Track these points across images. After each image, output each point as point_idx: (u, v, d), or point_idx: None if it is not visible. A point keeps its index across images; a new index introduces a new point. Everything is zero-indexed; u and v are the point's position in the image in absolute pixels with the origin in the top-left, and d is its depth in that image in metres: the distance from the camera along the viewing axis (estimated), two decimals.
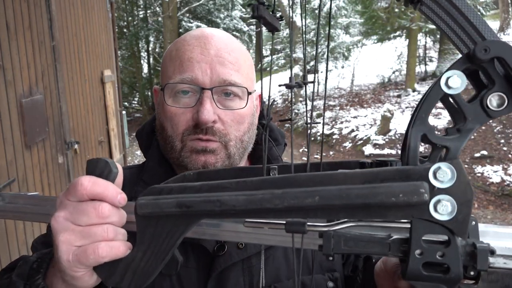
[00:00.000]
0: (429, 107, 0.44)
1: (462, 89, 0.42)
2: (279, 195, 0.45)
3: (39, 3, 3.74)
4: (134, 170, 1.05)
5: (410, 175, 0.43)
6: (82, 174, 2.55)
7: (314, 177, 0.45)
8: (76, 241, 0.59)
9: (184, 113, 0.89)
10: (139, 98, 19.86)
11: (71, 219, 0.60)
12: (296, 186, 0.46)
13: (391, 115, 10.11)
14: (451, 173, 0.42)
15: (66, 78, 4.51)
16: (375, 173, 0.44)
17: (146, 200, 0.53)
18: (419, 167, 0.43)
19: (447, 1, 0.43)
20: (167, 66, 0.94)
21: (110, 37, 7.04)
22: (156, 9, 19.00)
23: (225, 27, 17.47)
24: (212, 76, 0.88)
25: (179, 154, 0.91)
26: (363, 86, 14.54)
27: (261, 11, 0.46)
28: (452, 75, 0.42)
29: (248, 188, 0.48)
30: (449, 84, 0.42)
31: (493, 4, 16.94)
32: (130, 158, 10.99)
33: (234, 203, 0.47)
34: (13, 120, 3.06)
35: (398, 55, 14.42)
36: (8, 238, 2.96)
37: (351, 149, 10.32)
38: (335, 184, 0.44)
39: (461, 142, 0.43)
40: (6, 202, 0.74)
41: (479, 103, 0.43)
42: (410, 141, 0.44)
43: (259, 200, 0.46)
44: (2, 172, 2.85)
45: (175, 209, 0.51)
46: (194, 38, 0.92)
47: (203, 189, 0.50)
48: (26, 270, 0.72)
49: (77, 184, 0.60)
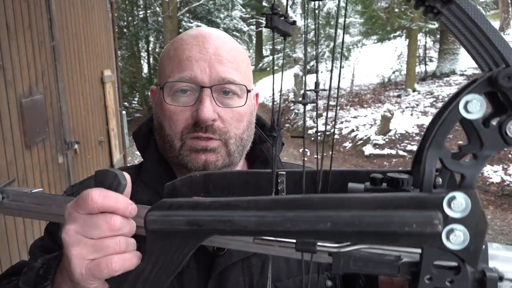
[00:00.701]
0: (446, 131, 0.42)
1: (481, 114, 0.41)
2: (290, 218, 0.45)
3: (39, 3, 3.74)
4: (131, 171, 1.04)
5: (425, 204, 0.42)
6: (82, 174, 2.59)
7: (326, 200, 0.45)
8: (89, 254, 0.59)
9: (183, 112, 0.89)
10: (139, 98, 19.85)
11: (82, 232, 0.59)
12: (308, 208, 0.45)
13: (391, 115, 10.11)
14: (466, 203, 0.42)
15: (66, 78, 4.51)
16: (388, 199, 0.43)
17: (156, 217, 0.53)
18: (434, 196, 0.42)
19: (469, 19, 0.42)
20: (165, 65, 0.94)
21: (110, 37, 7.04)
22: (156, 9, 19.00)
23: (225, 27, 17.47)
24: (211, 75, 0.88)
25: (178, 153, 0.91)
26: (363, 86, 14.54)
27: (275, 22, 0.46)
28: (471, 99, 0.41)
29: (259, 207, 0.48)
30: (468, 108, 0.41)
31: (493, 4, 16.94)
32: (130, 158, 10.99)
33: (246, 224, 0.47)
34: (13, 120, 3.06)
35: (398, 55, 14.41)
36: (8, 238, 2.95)
37: (351, 149, 10.31)
38: (347, 208, 0.44)
39: (477, 170, 0.42)
40: (10, 199, 0.74)
41: (498, 129, 0.41)
42: (425, 165, 0.43)
43: (270, 223, 0.46)
44: (2, 172, 2.85)
45: (185, 227, 0.51)
46: (192, 37, 0.92)
47: (213, 206, 0.50)
48: (32, 277, 0.72)
49: (88, 197, 0.59)
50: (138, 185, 0.96)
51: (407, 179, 0.49)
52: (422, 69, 13.81)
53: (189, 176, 0.68)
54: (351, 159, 9.85)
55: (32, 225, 3.36)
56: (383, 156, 9.40)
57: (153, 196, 0.94)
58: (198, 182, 0.67)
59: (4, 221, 2.89)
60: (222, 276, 0.89)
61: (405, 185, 0.49)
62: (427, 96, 11.73)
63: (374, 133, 10.31)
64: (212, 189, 0.67)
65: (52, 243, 0.97)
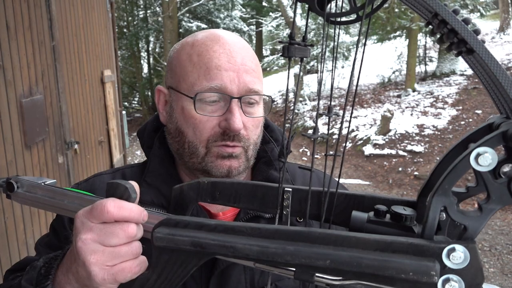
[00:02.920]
0: (454, 180, 0.42)
1: (492, 168, 0.40)
2: (291, 251, 0.46)
3: (39, 3, 3.74)
4: (135, 169, 1.05)
5: (424, 252, 0.42)
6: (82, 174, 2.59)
7: (327, 237, 0.46)
8: (108, 261, 0.62)
9: (209, 120, 0.90)
10: (139, 98, 19.86)
11: (99, 241, 0.62)
12: (309, 242, 0.46)
13: (391, 115, 10.11)
14: (465, 256, 0.42)
15: (66, 78, 4.51)
16: (388, 242, 0.44)
17: (162, 234, 0.55)
18: (434, 246, 0.42)
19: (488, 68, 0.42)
20: (187, 70, 0.92)
21: (110, 37, 7.04)
22: (156, 9, 19.00)
23: (225, 27, 17.46)
24: (240, 85, 0.90)
25: (202, 159, 0.92)
26: (363, 86, 14.54)
27: (292, 53, 0.46)
28: (483, 152, 0.40)
29: (262, 235, 0.49)
30: (478, 161, 0.41)
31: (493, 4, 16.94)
32: (130, 158, 10.99)
33: (247, 253, 0.49)
34: (13, 120, 3.06)
35: (398, 55, 14.41)
36: (8, 238, 2.96)
37: (351, 149, 10.31)
38: (347, 246, 0.45)
39: (481, 223, 0.42)
40: (25, 190, 0.76)
41: (506, 184, 0.41)
42: (429, 211, 0.43)
43: (271, 254, 0.47)
44: (2, 172, 2.85)
45: (189, 247, 0.53)
46: (216, 44, 0.92)
47: (218, 229, 0.52)
48: (34, 276, 0.74)
49: (103, 209, 0.61)
50: (142, 185, 0.96)
51: (410, 216, 0.49)
52: (422, 69, 13.80)
53: (197, 182, 0.69)
54: (351, 159, 9.85)
55: (32, 225, 3.36)
56: (383, 156, 9.40)
57: (156, 196, 0.95)
58: (206, 188, 0.68)
59: (4, 221, 2.89)
60: (224, 275, 0.89)
61: (408, 221, 0.49)
62: (427, 96, 11.73)
63: (374, 133, 10.31)
64: (219, 197, 0.68)
65: (56, 240, 1.00)
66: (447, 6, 0.44)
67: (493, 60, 0.43)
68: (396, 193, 7.89)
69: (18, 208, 3.12)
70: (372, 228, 0.51)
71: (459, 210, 0.43)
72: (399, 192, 7.91)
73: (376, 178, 8.71)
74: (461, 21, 0.44)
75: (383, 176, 8.72)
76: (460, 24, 0.44)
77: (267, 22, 21.26)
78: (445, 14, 0.44)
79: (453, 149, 0.49)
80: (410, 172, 8.52)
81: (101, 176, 1.05)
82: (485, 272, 4.80)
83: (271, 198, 0.62)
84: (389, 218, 0.51)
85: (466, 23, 0.44)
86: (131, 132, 14.54)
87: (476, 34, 0.44)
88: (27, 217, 3.28)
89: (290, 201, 0.61)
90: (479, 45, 0.43)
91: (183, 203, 0.71)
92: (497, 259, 5.11)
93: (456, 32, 0.44)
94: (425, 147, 9.21)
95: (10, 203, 2.98)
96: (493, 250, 5.30)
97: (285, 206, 0.61)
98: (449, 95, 11.33)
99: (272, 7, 22.29)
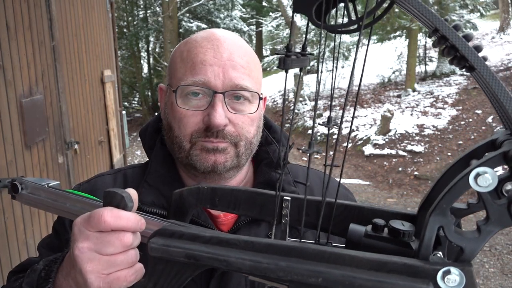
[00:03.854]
0: (453, 199, 0.41)
1: (491, 188, 0.39)
2: (283, 267, 0.46)
3: (39, 3, 3.74)
4: (137, 170, 1.05)
5: (418, 273, 0.42)
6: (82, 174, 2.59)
7: (320, 253, 0.46)
8: (104, 269, 0.62)
9: (194, 115, 0.90)
10: (139, 98, 19.85)
11: (95, 249, 0.63)
12: (301, 257, 0.46)
13: (391, 115, 10.11)
14: (460, 280, 0.41)
15: (66, 78, 4.51)
16: (382, 262, 0.43)
17: (157, 245, 0.56)
18: (429, 267, 0.42)
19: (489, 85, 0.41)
20: (177, 67, 0.93)
21: (110, 37, 7.04)
22: (156, 9, 18.99)
23: (225, 27, 17.46)
24: (224, 80, 0.88)
25: (187, 153, 0.91)
26: (363, 86, 14.53)
27: (288, 65, 0.45)
28: (482, 173, 0.39)
29: (255, 249, 0.49)
30: (478, 181, 0.39)
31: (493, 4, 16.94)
32: (130, 158, 10.99)
33: (240, 267, 0.49)
34: (13, 120, 3.06)
35: (398, 55, 14.41)
36: (8, 238, 2.96)
37: (351, 149, 10.31)
38: (340, 264, 0.44)
39: (478, 245, 0.41)
40: (29, 191, 0.78)
41: (506, 206, 0.40)
42: (426, 231, 0.42)
43: (263, 269, 0.47)
44: (2, 172, 2.85)
45: (183, 259, 0.54)
46: (206, 40, 0.91)
47: (212, 242, 0.52)
48: (34, 279, 0.75)
49: (100, 219, 0.62)
50: (143, 186, 0.97)
51: (408, 232, 0.48)
52: (422, 69, 13.80)
53: (196, 187, 0.69)
54: (351, 159, 9.85)
55: (32, 225, 3.36)
56: (383, 156, 9.40)
57: (157, 197, 0.95)
58: (205, 194, 0.68)
59: (4, 221, 2.89)
60: (224, 277, 0.89)
61: (406, 237, 0.48)
62: (427, 96, 11.73)
63: (374, 133, 10.31)
64: (218, 203, 0.68)
65: (57, 241, 1.01)
66: (448, 22, 0.43)
67: (495, 78, 0.42)
68: (396, 193, 7.89)
69: (18, 208, 3.11)
70: (369, 242, 0.50)
71: (456, 230, 0.42)
72: (399, 192, 7.91)
73: (376, 178, 8.71)
74: (461, 37, 0.43)
75: (383, 176, 8.72)
76: (460, 40, 0.43)
77: (267, 22, 21.26)
78: (445, 30, 0.43)
79: (454, 164, 0.48)
80: (410, 172, 8.52)
81: (102, 177, 1.05)
82: (485, 272, 4.81)
83: (271, 205, 0.62)
84: (387, 233, 0.50)
85: (468, 40, 0.43)
86: (131, 132, 14.53)
87: (478, 51, 0.43)
88: (27, 217, 3.28)
89: (289, 210, 0.61)
90: (480, 63, 0.42)
91: (183, 208, 0.71)
92: (497, 259, 5.11)
93: (457, 48, 0.43)
94: (425, 147, 9.21)
95: (10, 203, 2.97)
96: (493, 250, 5.30)
97: (284, 214, 0.61)
98: (449, 95, 11.33)
99: (272, 7, 22.29)
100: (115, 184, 1.02)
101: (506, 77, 10.95)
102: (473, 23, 13.39)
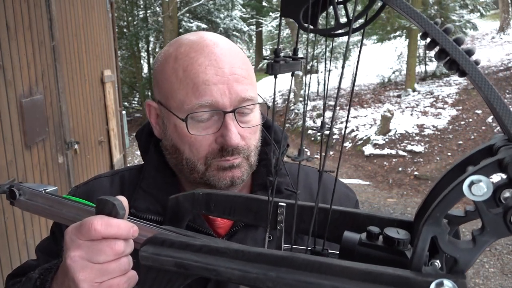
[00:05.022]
0: (446, 208, 0.40)
1: (486, 197, 0.38)
2: (272, 278, 0.46)
3: (39, 3, 3.74)
4: (134, 172, 1.04)
5: (410, 285, 0.40)
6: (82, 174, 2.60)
7: (311, 263, 0.45)
8: (96, 278, 0.62)
9: (205, 138, 0.87)
10: (139, 98, 19.85)
11: (87, 258, 0.63)
12: (291, 267, 0.45)
13: (391, 115, 10.11)
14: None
15: (66, 78, 4.51)
16: (373, 273, 0.42)
17: (147, 254, 0.56)
18: (421, 280, 0.40)
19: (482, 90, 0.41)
20: (175, 87, 0.87)
21: (110, 37, 7.03)
22: (156, 9, 18.99)
23: (225, 27, 17.46)
24: (231, 96, 0.85)
25: (203, 175, 0.89)
26: (363, 86, 14.54)
27: (276, 70, 0.44)
28: (477, 181, 0.38)
29: (245, 259, 0.49)
30: (472, 190, 0.38)
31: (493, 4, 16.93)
32: (130, 158, 10.99)
33: (230, 276, 0.49)
34: (13, 120, 3.06)
35: (398, 55, 14.40)
36: (8, 238, 2.95)
37: (351, 149, 10.31)
38: (331, 274, 0.43)
39: (473, 256, 0.39)
40: (26, 198, 0.79)
41: (502, 215, 0.38)
42: (419, 241, 0.41)
43: (253, 279, 0.47)
44: (2, 172, 2.85)
45: (173, 268, 0.54)
46: (200, 55, 0.85)
47: (202, 251, 0.52)
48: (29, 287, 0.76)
49: (91, 227, 0.62)
50: (137, 191, 0.95)
51: (403, 240, 0.47)
52: (422, 69, 13.80)
53: (191, 193, 0.69)
54: (351, 159, 9.85)
55: (32, 225, 3.36)
56: (383, 156, 9.40)
57: (152, 203, 0.93)
58: (200, 200, 0.68)
59: (4, 221, 2.89)
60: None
61: (400, 246, 0.48)
62: (427, 96, 11.73)
63: (374, 133, 10.31)
64: (214, 209, 0.68)
65: (55, 245, 1.00)
66: (438, 25, 0.42)
67: (486, 83, 0.41)
68: (396, 193, 7.89)
69: (18, 209, 3.11)
70: (364, 251, 0.49)
71: (450, 240, 0.41)
72: (399, 192, 7.91)
73: (376, 178, 8.71)
74: (452, 41, 0.42)
75: (383, 176, 8.72)
76: (451, 44, 0.41)
77: (267, 22, 21.25)
78: (435, 33, 0.42)
79: (450, 170, 0.47)
80: (410, 172, 8.52)
81: (100, 179, 1.04)
82: (485, 272, 4.81)
83: (265, 211, 0.62)
84: (381, 241, 0.49)
85: (459, 43, 0.42)
86: (131, 132, 14.53)
87: (469, 55, 0.42)
88: (27, 217, 3.28)
89: (284, 216, 0.60)
90: (472, 67, 0.41)
91: (179, 213, 0.70)
92: (497, 259, 5.11)
93: (447, 52, 0.42)
94: (425, 147, 9.21)
95: None
96: (493, 250, 5.30)
97: (279, 221, 0.60)
98: (449, 95, 11.33)
99: (272, 7, 22.27)
100: (112, 187, 1.01)
101: (506, 77, 10.95)
102: (473, 23, 13.38)
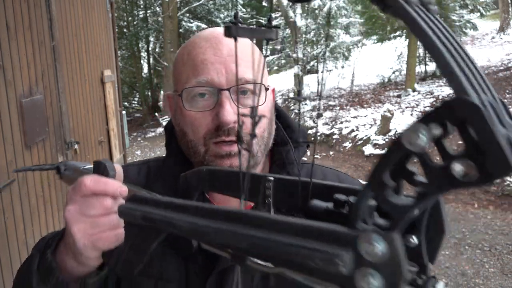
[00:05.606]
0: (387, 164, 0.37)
1: (425, 144, 0.35)
2: (213, 230, 0.47)
3: (39, 3, 3.74)
4: (160, 163, 1.06)
5: (339, 239, 0.38)
6: None
7: (245, 216, 0.44)
8: (88, 229, 0.71)
9: (203, 117, 0.89)
10: (139, 98, 19.86)
11: (80, 211, 0.71)
12: (240, 223, 0.45)
13: (391, 115, 10.11)
14: (381, 248, 0.36)
15: (66, 78, 4.51)
16: (304, 226, 0.40)
17: (123, 208, 0.60)
18: (348, 233, 0.38)
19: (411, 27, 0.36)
20: (180, 71, 0.93)
21: (110, 37, 7.04)
22: (156, 9, 19.00)
23: None
24: (228, 76, 0.87)
25: (203, 158, 0.91)
26: (363, 86, 14.54)
27: (232, 32, 0.42)
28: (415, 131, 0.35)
29: (203, 215, 0.49)
30: (411, 140, 0.35)
31: (493, 4, 16.95)
32: (130, 158, 10.99)
33: (181, 229, 0.51)
34: (13, 120, 3.06)
35: (398, 55, 14.40)
36: (8, 238, 2.96)
37: (351, 149, 10.31)
38: (265, 228, 0.42)
39: (409, 211, 0.36)
40: (70, 173, 0.90)
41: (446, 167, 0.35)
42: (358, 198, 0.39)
43: (200, 232, 0.49)
44: (2, 172, 2.85)
45: (142, 221, 0.57)
46: (204, 40, 0.91)
47: (170, 207, 0.54)
48: (42, 245, 0.84)
49: (81, 183, 0.71)
50: (158, 180, 1.00)
51: None
52: (422, 69, 13.80)
53: (197, 169, 0.71)
54: (351, 159, 9.85)
55: (32, 225, 3.36)
56: None
57: (170, 190, 0.94)
58: (205, 176, 0.70)
59: (4, 221, 2.89)
60: (223, 275, 0.90)
61: None
62: (427, 96, 11.73)
63: (374, 133, 10.31)
64: (217, 185, 0.69)
65: None
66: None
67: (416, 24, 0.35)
68: None
69: (18, 208, 3.12)
70: (327, 218, 0.47)
71: (390, 195, 0.38)
72: None
73: None
74: None
75: None
76: None
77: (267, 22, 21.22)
78: None
79: None
80: None
81: (128, 167, 1.07)
82: (485, 272, 4.81)
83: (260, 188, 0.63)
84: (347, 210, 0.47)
85: None
86: (131, 132, 14.53)
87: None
88: (27, 217, 3.28)
89: (271, 190, 0.61)
90: None
91: (188, 190, 0.72)
92: (497, 259, 5.11)
93: None
94: None
95: (10, 203, 2.98)
96: (493, 250, 5.30)
97: (267, 195, 0.61)
98: (449, 95, 11.33)
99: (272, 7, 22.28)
100: (138, 175, 1.05)
101: (506, 77, 10.95)
102: (473, 23, 13.39)
